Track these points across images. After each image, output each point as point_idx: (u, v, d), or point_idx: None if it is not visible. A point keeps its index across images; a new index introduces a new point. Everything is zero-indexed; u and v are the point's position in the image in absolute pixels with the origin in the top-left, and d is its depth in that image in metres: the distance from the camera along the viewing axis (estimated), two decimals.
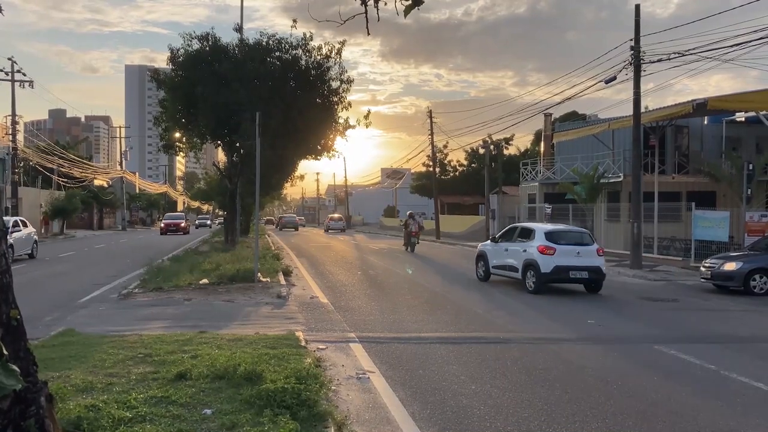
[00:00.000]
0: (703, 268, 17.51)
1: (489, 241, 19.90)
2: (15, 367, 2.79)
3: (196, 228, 75.28)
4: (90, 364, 7.32)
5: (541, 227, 17.38)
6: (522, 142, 62.68)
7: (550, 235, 16.38)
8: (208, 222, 65.75)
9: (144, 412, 5.43)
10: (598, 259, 16.22)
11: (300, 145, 25.57)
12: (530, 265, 16.13)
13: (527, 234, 17.09)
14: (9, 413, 2.81)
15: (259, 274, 16.70)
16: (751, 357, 9.28)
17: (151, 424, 5.17)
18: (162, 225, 56.50)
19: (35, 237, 27.76)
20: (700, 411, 6.58)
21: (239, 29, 25.07)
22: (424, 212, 71.18)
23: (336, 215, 70.92)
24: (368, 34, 3.84)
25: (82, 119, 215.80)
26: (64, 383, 6.25)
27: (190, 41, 24.07)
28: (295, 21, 23.40)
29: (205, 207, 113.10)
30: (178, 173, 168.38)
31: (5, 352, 2.78)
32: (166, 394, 6.02)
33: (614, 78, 23.15)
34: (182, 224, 55.91)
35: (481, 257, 18.98)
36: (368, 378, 7.60)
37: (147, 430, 4.97)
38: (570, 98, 34.05)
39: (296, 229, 67.68)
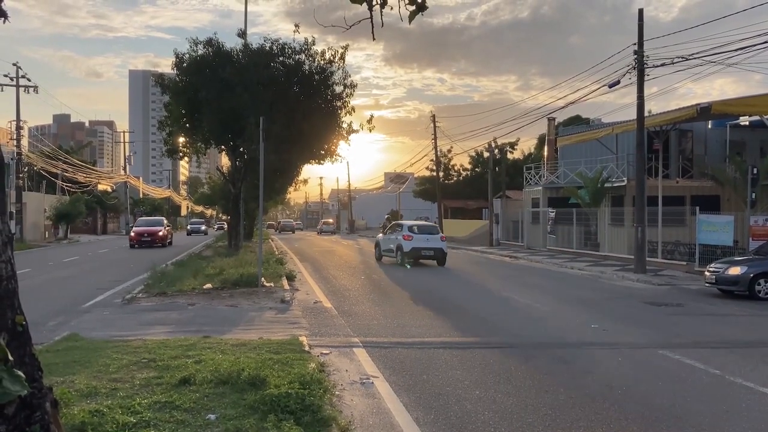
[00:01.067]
0: (707, 273, 17.45)
1: (381, 234, 30.36)
2: (20, 373, 2.80)
3: (188, 235, 64.78)
4: (94, 369, 7.33)
5: (406, 223, 26.34)
6: (526, 146, 62.74)
7: (410, 228, 25.29)
8: (203, 228, 54.12)
9: (148, 417, 5.44)
10: (441, 243, 25.24)
11: (304, 150, 25.63)
12: (399, 247, 24.90)
13: (399, 228, 26.02)
14: (14, 419, 2.82)
15: (262, 278, 16.70)
16: (756, 362, 9.24)
17: (155, 429, 5.18)
18: (132, 234, 40.63)
19: None
20: (705, 416, 6.56)
21: (242, 34, 25.14)
22: (427, 216, 71.19)
23: (329, 220, 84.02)
24: (374, 39, 3.85)
25: (86, 124, 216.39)
26: (69, 388, 6.26)
27: (196, 47, 24.17)
28: (297, 26, 23.46)
29: (209, 212, 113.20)
30: (182, 178, 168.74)
31: (11, 357, 2.79)
32: (170, 399, 6.03)
33: (618, 82, 23.13)
34: (160, 233, 40.15)
35: (378, 244, 28.44)
36: (372, 383, 7.59)
37: None
38: (573, 102, 34.00)
39: (293, 232, 78.78)
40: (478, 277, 21.81)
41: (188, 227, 69.18)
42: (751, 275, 16.19)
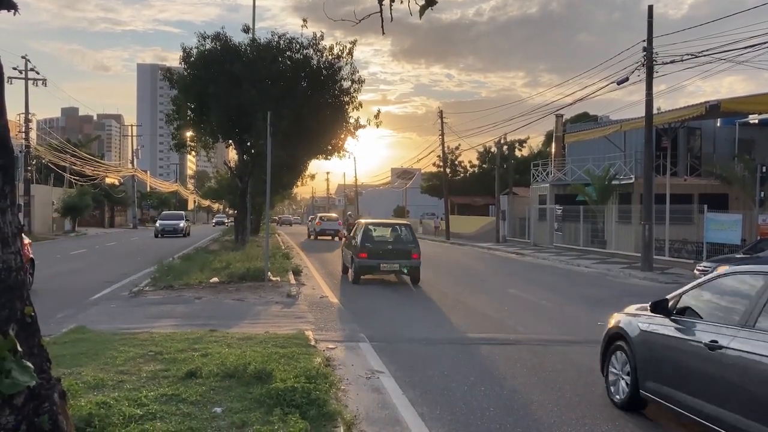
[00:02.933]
0: (696, 272, 17.46)
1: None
2: (29, 364, 2.81)
3: (214, 226, 76.04)
4: (101, 361, 7.36)
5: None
6: (533, 142, 62.35)
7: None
8: (181, 225, 56.13)
9: (154, 410, 5.45)
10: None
11: (311, 145, 25.61)
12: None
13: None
14: (23, 409, 2.83)
15: (269, 273, 16.74)
16: None
17: (162, 421, 5.19)
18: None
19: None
20: None
21: (249, 29, 25.08)
22: (434, 213, 71.10)
23: (332, 214, 75.52)
24: (383, 33, 3.84)
25: (94, 117, 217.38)
26: (76, 380, 6.29)
27: (204, 41, 24.16)
28: (305, 20, 23.37)
29: (216, 206, 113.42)
30: (189, 172, 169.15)
31: (20, 348, 2.80)
32: (176, 392, 6.05)
33: (626, 79, 23.03)
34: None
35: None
36: (378, 378, 7.60)
37: (157, 428, 4.99)
38: (581, 99, 33.78)
39: (290, 225, 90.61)
40: (484, 274, 21.79)
41: (157, 224, 50.71)
42: None
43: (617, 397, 6.63)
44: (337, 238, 43.26)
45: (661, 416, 6.28)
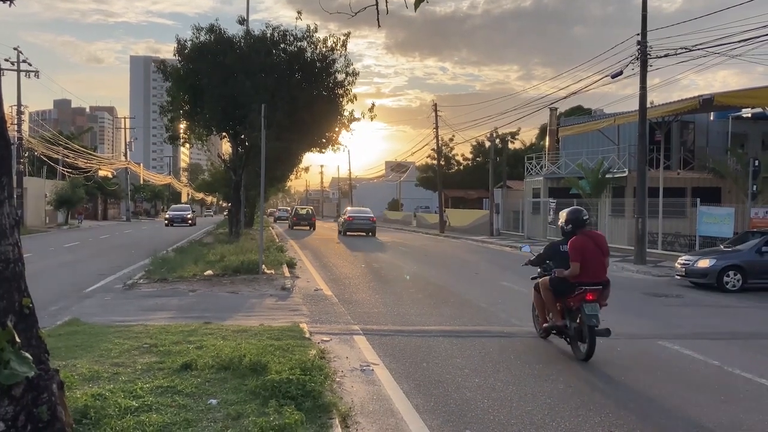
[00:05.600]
0: (677, 265, 17.61)
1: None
2: (28, 355, 2.83)
3: (204, 217, 71.67)
4: (96, 353, 7.37)
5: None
6: (527, 136, 62.47)
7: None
8: (189, 215, 54.81)
9: (150, 402, 5.47)
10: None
11: (305, 138, 25.56)
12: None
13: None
14: (22, 400, 2.85)
15: (263, 265, 16.75)
16: (754, 353, 9.29)
17: (157, 413, 5.21)
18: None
19: None
20: (703, 406, 6.60)
21: (244, 21, 25.01)
22: (428, 206, 71.14)
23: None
24: (379, 26, 3.85)
25: (87, 110, 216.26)
26: (71, 372, 6.30)
27: (198, 33, 24.05)
28: (299, 12, 23.43)
29: (209, 199, 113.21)
30: (183, 164, 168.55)
31: (18, 339, 2.82)
32: (171, 383, 6.07)
33: (621, 73, 23.06)
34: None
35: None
36: (372, 370, 7.64)
37: (153, 419, 5.01)
38: (575, 93, 33.87)
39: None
40: (477, 267, 21.85)
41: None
42: (720, 268, 16.33)
43: None
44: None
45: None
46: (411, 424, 5.81)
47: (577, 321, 8.38)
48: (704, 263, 16.63)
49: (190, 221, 55.73)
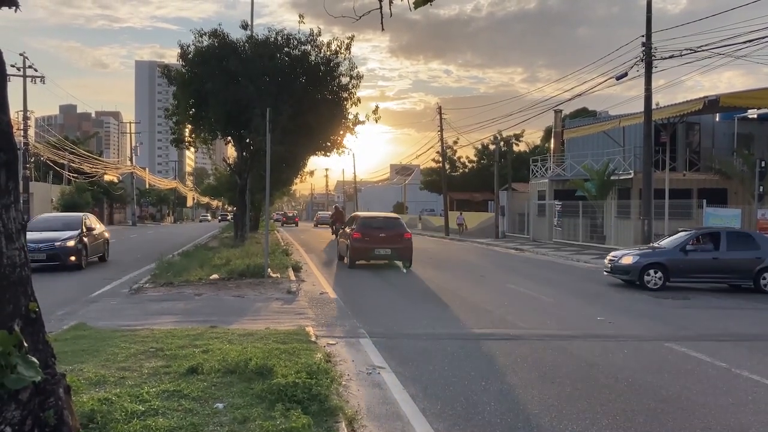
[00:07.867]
0: (606, 261, 17.58)
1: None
2: (34, 359, 2.83)
3: (200, 222, 76.22)
4: (102, 357, 7.38)
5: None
6: (532, 138, 62.35)
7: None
8: (209, 218, 56.76)
9: (156, 406, 5.47)
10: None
11: (310, 141, 25.57)
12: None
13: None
14: (29, 404, 2.85)
15: (269, 269, 16.75)
16: (762, 355, 9.24)
17: (164, 417, 5.21)
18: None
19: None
20: (711, 408, 6.56)
21: (247, 26, 25.03)
22: (432, 209, 71.08)
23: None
24: (383, 29, 3.85)
25: (93, 115, 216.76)
26: (77, 376, 6.30)
27: (201, 38, 24.10)
28: (302, 16, 23.53)
29: (215, 203, 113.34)
30: (188, 169, 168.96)
31: (25, 344, 2.82)
32: (178, 388, 6.07)
33: (625, 74, 23.04)
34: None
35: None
36: (378, 373, 7.63)
37: (160, 424, 5.01)
38: (580, 95, 33.94)
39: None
40: (483, 270, 21.81)
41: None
42: (642, 265, 16.32)
43: None
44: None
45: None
46: (418, 428, 5.80)
47: None
48: (627, 260, 16.62)
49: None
